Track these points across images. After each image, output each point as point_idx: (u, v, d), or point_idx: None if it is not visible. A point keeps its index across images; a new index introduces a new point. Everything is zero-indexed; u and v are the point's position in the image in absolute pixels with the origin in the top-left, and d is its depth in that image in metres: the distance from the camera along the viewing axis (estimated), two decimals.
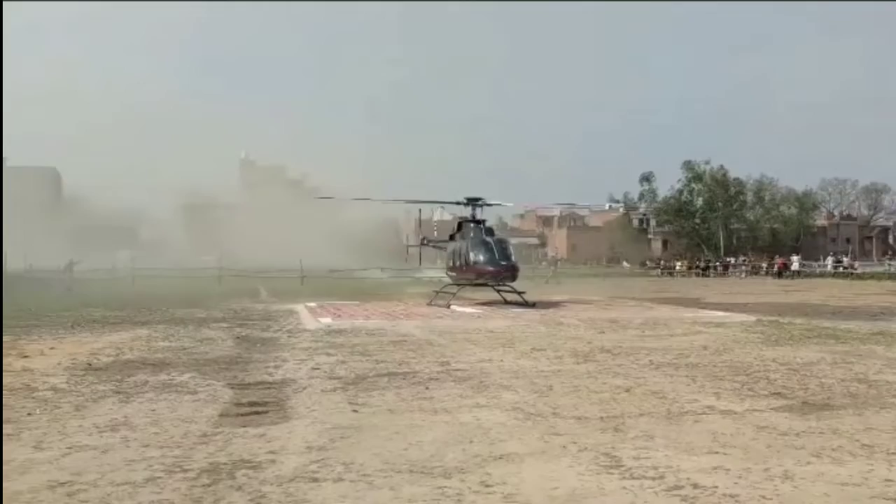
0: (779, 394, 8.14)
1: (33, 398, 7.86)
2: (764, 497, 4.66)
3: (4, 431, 6.37)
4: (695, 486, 4.87)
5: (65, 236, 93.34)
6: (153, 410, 7.27)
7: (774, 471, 5.19)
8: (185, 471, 5.21)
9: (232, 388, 8.58)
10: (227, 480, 5.01)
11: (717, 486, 4.84)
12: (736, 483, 4.92)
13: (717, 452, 5.68)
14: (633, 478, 5.06)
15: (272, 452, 5.71)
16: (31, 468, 5.25)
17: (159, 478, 5.04)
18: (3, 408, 7.37)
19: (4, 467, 5.28)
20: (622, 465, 5.34)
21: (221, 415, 7.13)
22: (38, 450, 5.77)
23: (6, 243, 40.76)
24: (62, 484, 4.88)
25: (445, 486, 4.87)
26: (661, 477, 5.06)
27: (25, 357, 11.01)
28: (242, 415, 7.14)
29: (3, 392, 8.18)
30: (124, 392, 8.24)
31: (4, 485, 4.87)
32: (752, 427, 6.52)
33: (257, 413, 7.21)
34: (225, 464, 5.40)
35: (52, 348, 12.08)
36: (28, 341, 13.06)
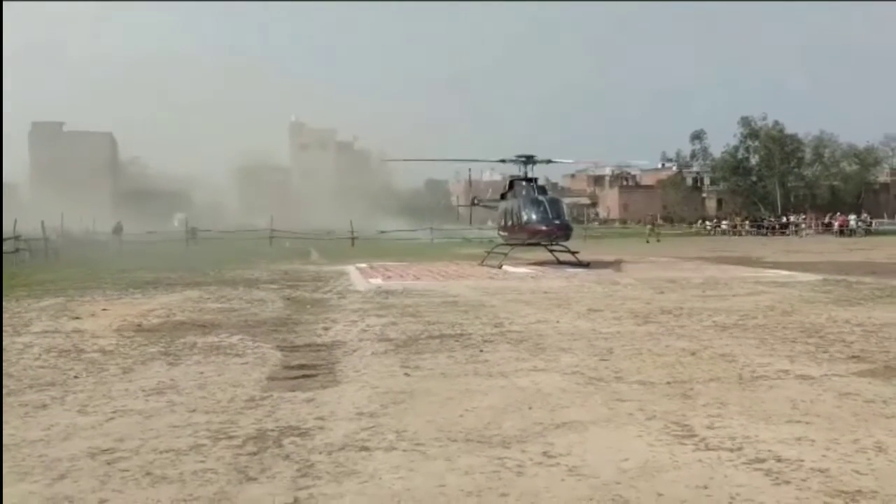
0: (857, 357, 7.60)
1: (81, 360, 7.73)
2: (857, 472, 4.22)
3: (52, 394, 6.23)
4: (778, 458, 4.44)
5: (121, 200, 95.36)
6: (201, 374, 7.06)
7: (865, 442, 4.73)
8: (231, 437, 4.96)
9: (281, 350, 8.35)
10: (274, 448, 4.74)
11: (802, 460, 4.41)
12: (824, 456, 4.48)
13: (798, 421, 5.23)
14: (709, 449, 4.65)
15: (321, 418, 5.43)
16: (73, 434, 5.05)
17: (204, 445, 4.79)
18: (53, 369, 7.27)
19: (49, 431, 5.10)
20: (695, 435, 4.93)
21: (269, 378, 6.90)
22: (82, 414, 5.59)
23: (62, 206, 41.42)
24: (104, 451, 4.66)
25: (505, 457, 4.53)
26: (740, 448, 4.64)
27: (77, 318, 10.97)
28: (291, 378, 6.89)
29: (52, 353, 8.09)
30: (172, 354, 8.07)
31: (46, 451, 4.67)
32: (833, 393, 6.04)
33: (306, 376, 6.95)
34: (272, 430, 5.14)
35: (104, 309, 12.05)
36: (81, 303, 13.08)
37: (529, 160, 23.27)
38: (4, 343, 8.74)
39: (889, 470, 4.27)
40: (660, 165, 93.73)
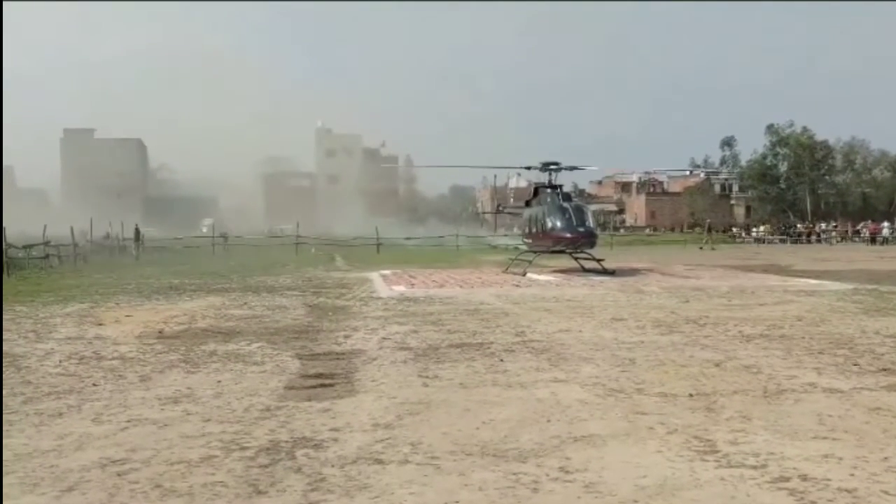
0: (888, 370, 7.40)
1: (100, 367, 7.73)
2: (887, 493, 4.07)
3: (69, 403, 6.22)
4: (804, 477, 4.30)
5: (150, 205, 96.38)
6: (218, 382, 7.03)
7: (895, 460, 4.57)
8: (244, 449, 4.91)
9: (300, 358, 8.30)
10: (286, 461, 4.67)
11: (829, 479, 4.26)
12: (852, 475, 4.33)
13: (825, 438, 5.07)
14: (732, 466, 4.51)
15: (335, 430, 5.36)
16: (86, 443, 5.02)
17: (216, 457, 4.74)
18: (72, 377, 7.27)
19: (62, 441, 5.08)
20: (717, 451, 4.79)
21: (287, 387, 6.84)
22: (97, 423, 5.57)
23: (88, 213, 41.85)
24: (115, 462, 4.63)
25: (520, 472, 4.42)
26: (764, 466, 4.50)
27: (100, 325, 11.01)
28: (308, 387, 6.83)
29: (73, 360, 8.11)
30: (191, 362, 8.06)
31: (57, 462, 4.64)
32: (862, 408, 5.86)
33: (324, 386, 6.89)
34: (286, 442, 5.08)
35: (127, 315, 12.10)
36: (105, 309, 13.16)
37: (554, 167, 23.11)
38: (26, 350, 8.80)
39: None
40: (688, 172, 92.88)
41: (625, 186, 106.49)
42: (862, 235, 58.24)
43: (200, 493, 4.11)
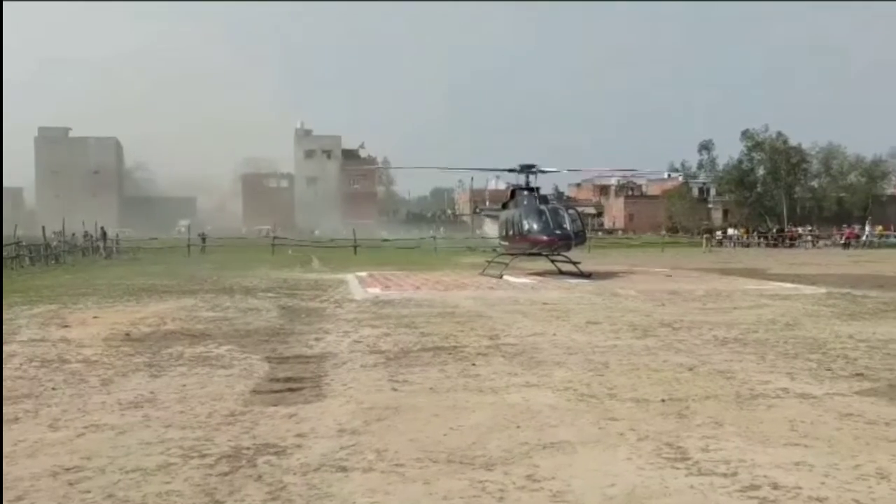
0: (861, 375, 7.36)
1: (62, 371, 7.54)
2: (857, 501, 4.00)
3: (26, 407, 6.04)
4: (774, 485, 4.22)
5: (126, 205, 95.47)
6: (183, 386, 6.86)
7: (866, 468, 4.50)
8: (204, 456, 4.76)
9: (269, 361, 8.15)
10: (247, 468, 4.53)
11: (800, 487, 4.18)
12: (822, 483, 4.26)
13: (796, 444, 5.00)
14: (702, 474, 4.43)
15: (300, 436, 5.23)
16: (39, 450, 4.85)
17: (174, 464, 4.59)
18: (31, 380, 7.07)
19: (15, 448, 4.90)
20: (688, 458, 4.70)
21: (253, 391, 6.70)
22: (52, 429, 5.39)
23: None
24: (67, 470, 4.46)
25: (486, 481, 4.31)
26: (734, 474, 4.42)
27: (66, 327, 10.78)
28: (275, 392, 6.69)
29: (34, 364, 7.90)
30: (157, 365, 7.88)
31: (8, 470, 4.47)
32: (834, 414, 5.81)
33: (291, 390, 6.75)
34: (248, 448, 4.93)
35: (95, 317, 11.87)
36: (73, 310, 12.91)
37: (531, 169, 23.03)
38: None
39: (891, 499, 4.05)
40: (666, 176, 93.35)
41: (603, 189, 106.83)
42: (837, 240, 58.66)
43: (154, 503, 3.96)
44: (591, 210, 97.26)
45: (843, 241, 56.49)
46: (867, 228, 61.78)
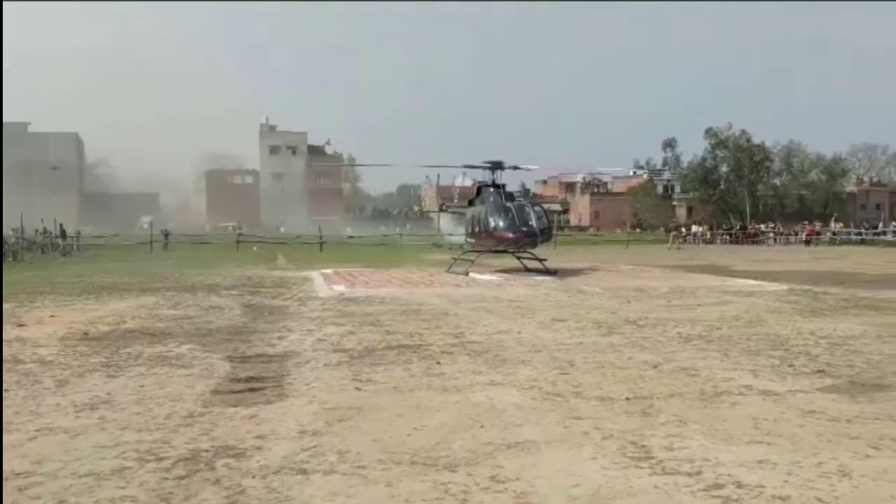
0: (822, 371, 7.42)
1: (16, 371, 7.33)
2: (820, 499, 4.00)
3: None
4: (738, 484, 4.21)
5: (87, 201, 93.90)
6: (141, 387, 6.70)
7: (829, 466, 4.52)
8: (160, 459, 4.64)
9: (230, 361, 8.01)
10: (205, 472, 4.42)
11: (763, 486, 4.18)
12: (785, 481, 4.25)
13: (760, 442, 5.01)
14: (666, 473, 4.41)
15: (261, 437, 5.12)
16: None
17: (129, 468, 4.46)
18: None
19: None
20: (652, 457, 4.68)
21: (214, 392, 6.56)
22: (3, 432, 5.22)
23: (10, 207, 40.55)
24: (17, 475, 4.32)
25: (450, 482, 4.25)
26: (699, 473, 4.40)
27: (21, 326, 10.52)
28: (236, 392, 6.56)
29: None
30: (115, 365, 7.70)
31: None
32: (796, 411, 5.83)
33: (252, 390, 6.63)
34: (206, 451, 4.82)
35: (52, 316, 11.61)
36: (29, 308, 12.62)
37: (497, 166, 23.02)
38: None
39: (854, 497, 4.06)
40: (631, 173, 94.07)
41: (569, 186, 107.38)
42: (798, 237, 59.53)
43: None
44: (557, 207, 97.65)
45: (804, 238, 57.37)
46: (833, 226, 62.77)
